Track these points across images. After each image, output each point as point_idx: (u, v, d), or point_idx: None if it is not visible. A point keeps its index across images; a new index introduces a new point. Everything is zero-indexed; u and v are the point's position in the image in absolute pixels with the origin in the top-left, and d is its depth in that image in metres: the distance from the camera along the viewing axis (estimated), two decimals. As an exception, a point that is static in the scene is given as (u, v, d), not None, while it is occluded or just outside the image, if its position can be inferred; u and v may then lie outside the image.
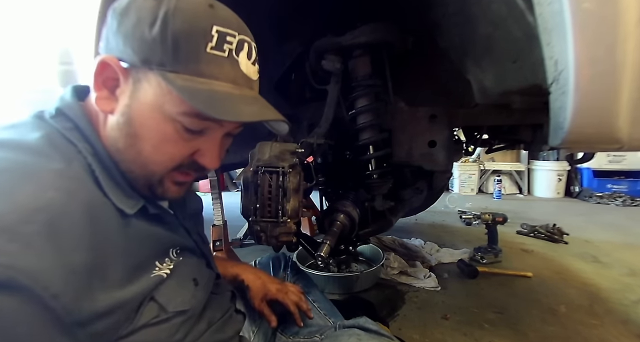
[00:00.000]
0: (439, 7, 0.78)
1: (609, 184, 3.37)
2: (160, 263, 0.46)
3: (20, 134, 0.39)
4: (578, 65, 0.44)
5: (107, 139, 0.44)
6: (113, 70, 0.41)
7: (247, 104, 0.44)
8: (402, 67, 0.99)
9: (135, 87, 0.41)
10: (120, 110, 0.42)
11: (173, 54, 0.39)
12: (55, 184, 0.35)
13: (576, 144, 0.51)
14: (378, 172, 0.98)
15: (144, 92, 0.41)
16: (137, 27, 0.39)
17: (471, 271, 1.51)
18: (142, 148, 0.43)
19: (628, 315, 1.20)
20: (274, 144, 0.77)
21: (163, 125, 0.42)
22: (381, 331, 0.68)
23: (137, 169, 0.44)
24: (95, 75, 0.41)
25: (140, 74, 0.41)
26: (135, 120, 0.41)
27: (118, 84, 0.41)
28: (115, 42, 0.40)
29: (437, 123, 0.99)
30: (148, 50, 0.39)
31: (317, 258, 0.83)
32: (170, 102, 0.41)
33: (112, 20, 0.41)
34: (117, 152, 0.43)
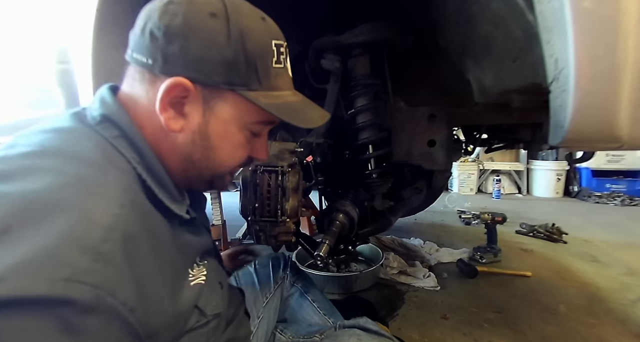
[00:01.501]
0: (439, 6, 0.78)
1: (608, 183, 3.37)
2: (191, 270, 0.47)
3: (72, 143, 0.38)
4: (578, 63, 0.44)
5: (171, 153, 0.44)
6: (183, 91, 0.41)
7: (311, 108, 0.52)
8: (402, 66, 0.99)
9: (207, 105, 0.43)
10: (193, 128, 0.43)
11: (251, 73, 0.43)
12: (119, 200, 0.35)
13: (576, 142, 0.50)
14: (377, 172, 0.98)
15: (220, 109, 0.44)
16: (210, 49, 0.40)
17: (470, 271, 1.51)
18: (217, 156, 0.46)
19: (627, 314, 1.21)
20: (273, 143, 0.77)
21: (237, 135, 0.47)
22: (381, 331, 0.68)
23: (207, 173, 0.48)
24: (163, 95, 0.40)
25: (213, 93, 0.43)
26: (212, 135, 0.45)
27: (184, 103, 0.42)
28: (181, 64, 0.40)
29: (436, 122, 0.99)
30: (228, 71, 0.42)
31: (316, 258, 0.82)
32: (247, 115, 0.45)
33: (167, 41, 0.40)
34: (187, 162, 0.45)
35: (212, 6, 0.41)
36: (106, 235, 0.32)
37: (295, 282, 0.90)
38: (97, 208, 0.33)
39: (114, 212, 0.34)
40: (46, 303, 0.27)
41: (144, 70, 0.42)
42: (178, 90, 0.41)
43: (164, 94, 0.40)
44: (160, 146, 0.44)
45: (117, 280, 0.31)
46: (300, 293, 0.88)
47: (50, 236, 0.29)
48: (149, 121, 0.43)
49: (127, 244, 0.33)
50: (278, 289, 0.87)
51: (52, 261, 0.28)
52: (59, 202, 0.31)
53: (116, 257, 0.32)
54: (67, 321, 0.27)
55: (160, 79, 0.41)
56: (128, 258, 0.33)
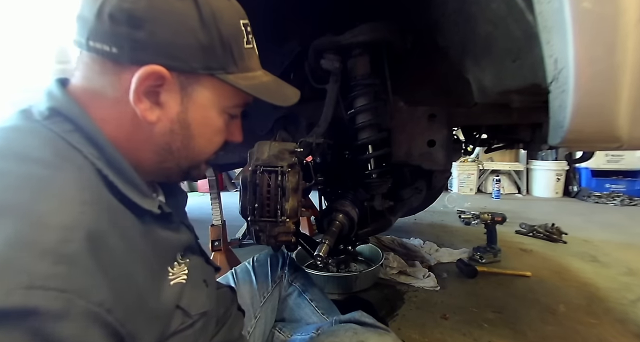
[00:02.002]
0: (438, 6, 0.78)
1: (607, 183, 3.38)
2: (171, 268, 0.44)
3: (18, 142, 0.35)
4: (578, 63, 0.44)
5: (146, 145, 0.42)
6: (158, 80, 0.39)
7: (284, 87, 0.53)
8: (402, 66, 0.99)
9: (185, 92, 0.41)
10: (172, 117, 0.42)
11: (228, 56, 0.42)
12: (77, 197, 0.32)
13: (576, 142, 0.50)
14: (377, 172, 0.98)
15: (199, 95, 0.42)
16: (182, 33, 0.39)
17: (470, 271, 1.51)
18: (197, 144, 0.45)
19: (626, 314, 1.21)
20: (272, 143, 0.77)
21: (217, 120, 0.46)
22: (377, 324, 0.68)
23: (185, 163, 0.46)
24: (137, 85, 0.38)
25: (190, 79, 0.41)
26: (192, 122, 0.43)
27: (159, 92, 0.40)
28: (152, 51, 0.38)
29: (436, 122, 0.99)
30: (205, 56, 0.40)
31: (316, 258, 0.82)
32: (226, 99, 0.45)
33: (133, 26, 0.37)
34: (165, 153, 0.43)
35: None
36: (66, 235, 0.29)
37: (293, 281, 0.90)
38: (50, 209, 0.30)
39: (75, 210, 0.31)
40: (9, 316, 0.24)
41: (105, 60, 0.38)
42: (152, 79, 0.38)
43: (138, 83, 0.38)
44: (131, 139, 0.41)
45: (86, 281, 0.29)
46: (298, 292, 0.88)
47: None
48: (115, 114, 0.40)
49: (93, 242, 0.31)
50: (276, 289, 0.87)
51: (4, 270, 0.25)
52: (3, 206, 0.29)
53: (82, 257, 0.29)
54: (39, 332, 0.25)
55: (128, 69, 0.38)
56: (96, 257, 0.30)
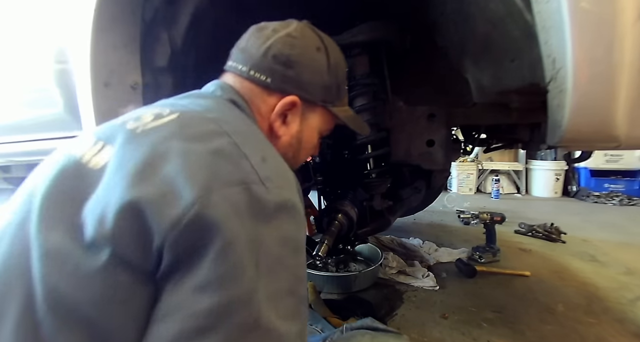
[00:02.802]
0: (437, 6, 0.78)
1: (606, 183, 3.38)
2: None
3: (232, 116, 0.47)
4: (576, 63, 0.44)
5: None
6: (291, 106, 0.52)
7: (360, 119, 0.70)
8: (401, 66, 0.99)
9: (304, 116, 0.55)
10: (292, 133, 0.55)
11: (338, 94, 0.58)
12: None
13: (574, 142, 0.51)
14: (376, 172, 0.98)
15: (312, 120, 0.57)
16: (316, 75, 0.54)
17: (469, 270, 1.51)
18: (301, 156, 0.60)
19: (625, 314, 1.21)
20: (271, 143, 0.77)
21: (316, 139, 0.60)
22: (389, 329, 0.71)
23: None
24: (280, 107, 0.52)
25: (309, 108, 0.55)
26: (303, 139, 0.57)
27: (287, 114, 0.53)
28: (295, 85, 0.52)
29: (435, 122, 0.99)
30: (325, 92, 0.56)
31: (315, 258, 0.82)
32: (326, 124, 0.60)
33: (287, 67, 0.51)
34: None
35: (316, 42, 0.55)
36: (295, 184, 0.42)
37: None
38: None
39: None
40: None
41: (257, 86, 0.52)
42: (289, 105, 0.52)
43: (281, 106, 0.52)
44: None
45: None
46: None
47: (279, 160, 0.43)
48: (262, 124, 0.53)
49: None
50: None
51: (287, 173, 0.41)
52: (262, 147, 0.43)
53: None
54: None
55: (274, 94, 0.52)
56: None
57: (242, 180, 0.34)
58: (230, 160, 0.36)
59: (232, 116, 0.45)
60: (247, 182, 0.34)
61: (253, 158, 0.37)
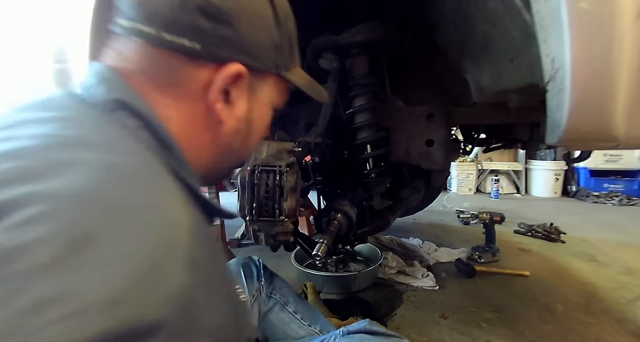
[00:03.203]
0: (437, 6, 0.78)
1: (606, 183, 3.38)
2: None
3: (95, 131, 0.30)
4: (575, 63, 0.44)
5: (210, 145, 0.39)
6: (238, 79, 0.37)
7: (318, 85, 0.52)
8: (400, 66, 0.99)
9: (252, 90, 0.40)
10: (239, 116, 0.39)
11: (291, 54, 0.43)
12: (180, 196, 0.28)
13: (573, 142, 0.51)
14: (376, 171, 0.98)
15: (261, 93, 0.42)
16: (262, 32, 0.38)
17: (469, 270, 1.51)
18: (252, 141, 0.45)
19: (624, 313, 1.21)
20: (271, 143, 0.77)
21: (269, 117, 0.46)
22: (389, 332, 0.66)
23: (238, 162, 0.46)
24: (220, 84, 0.36)
25: (257, 77, 0.40)
26: (254, 120, 0.42)
27: (230, 90, 0.37)
28: (235, 49, 0.36)
29: (434, 122, 0.99)
30: (277, 54, 0.40)
31: (315, 257, 0.82)
32: (280, 95, 0.45)
33: (220, 23, 0.34)
34: (226, 152, 0.41)
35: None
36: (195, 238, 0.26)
37: (272, 293, 0.84)
38: (173, 205, 0.26)
39: (190, 210, 0.28)
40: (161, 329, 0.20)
41: (178, 55, 0.34)
42: (232, 77, 0.36)
43: (222, 81, 0.36)
44: (195, 140, 0.38)
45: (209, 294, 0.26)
46: (280, 306, 0.82)
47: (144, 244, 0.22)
48: (182, 113, 0.36)
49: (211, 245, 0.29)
50: (255, 304, 0.81)
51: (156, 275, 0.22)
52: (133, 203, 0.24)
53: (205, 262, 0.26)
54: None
55: (205, 65, 0.35)
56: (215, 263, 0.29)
57: None
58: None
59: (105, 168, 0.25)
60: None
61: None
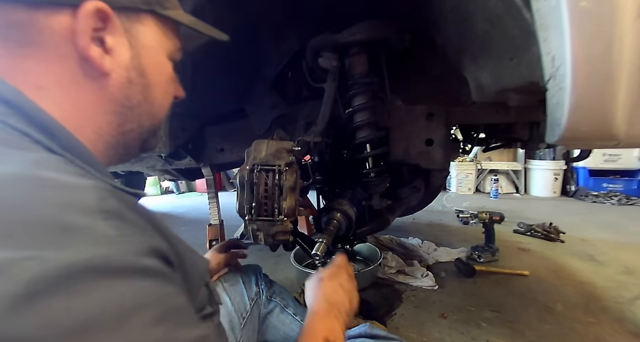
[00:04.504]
0: (436, 5, 0.78)
1: (605, 183, 3.39)
2: None
3: None
4: (575, 61, 0.44)
5: (100, 106, 0.35)
6: (101, 21, 0.32)
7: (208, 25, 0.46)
8: (399, 65, 0.99)
9: (130, 34, 0.35)
10: (126, 64, 0.35)
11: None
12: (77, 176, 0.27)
13: (573, 140, 0.50)
14: (375, 171, 0.98)
15: (145, 36, 0.37)
16: None
17: (468, 270, 1.51)
18: (155, 95, 0.39)
19: (623, 313, 1.21)
20: (270, 142, 0.77)
21: (166, 65, 0.41)
22: (390, 335, 0.65)
23: (148, 122, 0.40)
24: (85, 28, 0.31)
25: (131, 19, 0.35)
26: (146, 68, 0.37)
27: (103, 37, 0.33)
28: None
29: (434, 121, 0.99)
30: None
31: (314, 257, 0.82)
32: (169, 40, 0.40)
33: None
34: (126, 110, 0.37)
35: None
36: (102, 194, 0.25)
37: (272, 297, 0.84)
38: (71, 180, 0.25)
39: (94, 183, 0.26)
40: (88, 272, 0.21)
41: (20, 7, 0.29)
42: (96, 19, 0.31)
43: (84, 25, 0.31)
44: (80, 105, 0.33)
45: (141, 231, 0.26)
46: (280, 308, 0.83)
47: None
48: (52, 75, 0.31)
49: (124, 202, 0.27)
50: (255, 307, 0.80)
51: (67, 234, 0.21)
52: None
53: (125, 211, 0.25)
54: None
55: (60, 12, 0.30)
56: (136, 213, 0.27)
57: None
58: None
59: None
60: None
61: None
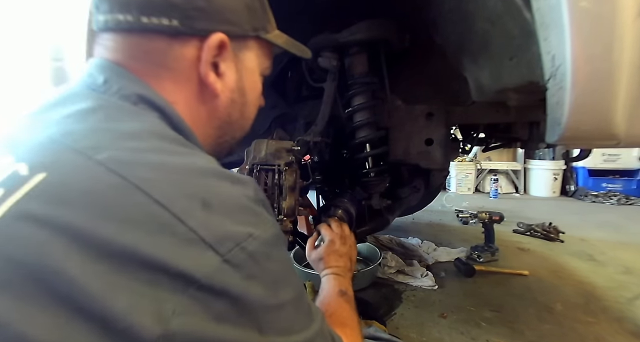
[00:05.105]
0: (436, 4, 0.78)
1: (604, 183, 3.39)
2: None
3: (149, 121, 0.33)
4: (575, 61, 0.44)
5: (209, 121, 0.40)
6: (222, 49, 0.37)
7: (298, 43, 0.52)
8: (399, 64, 0.99)
9: (238, 59, 0.40)
10: (231, 86, 0.40)
11: (265, 15, 0.42)
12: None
13: (573, 140, 0.50)
14: (375, 171, 0.98)
15: (248, 60, 0.42)
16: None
17: (468, 270, 1.51)
18: (249, 110, 0.45)
19: (623, 312, 1.21)
20: (270, 141, 0.77)
21: (259, 83, 0.45)
22: (393, 339, 0.66)
23: (239, 133, 0.46)
24: (209, 56, 0.36)
25: (240, 44, 0.40)
26: (246, 88, 0.42)
27: (218, 62, 0.38)
28: (211, 18, 0.36)
29: (433, 121, 0.99)
30: (252, 17, 0.40)
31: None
32: (264, 59, 0.45)
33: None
34: (225, 125, 0.42)
35: None
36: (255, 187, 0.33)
37: None
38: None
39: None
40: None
41: (160, 37, 0.35)
42: (217, 48, 0.36)
43: (207, 54, 0.36)
44: (196, 119, 0.39)
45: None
46: None
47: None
48: (180, 94, 0.37)
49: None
50: None
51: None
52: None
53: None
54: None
55: (189, 41, 0.35)
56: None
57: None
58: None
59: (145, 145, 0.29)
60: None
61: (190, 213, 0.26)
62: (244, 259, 0.27)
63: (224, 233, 0.27)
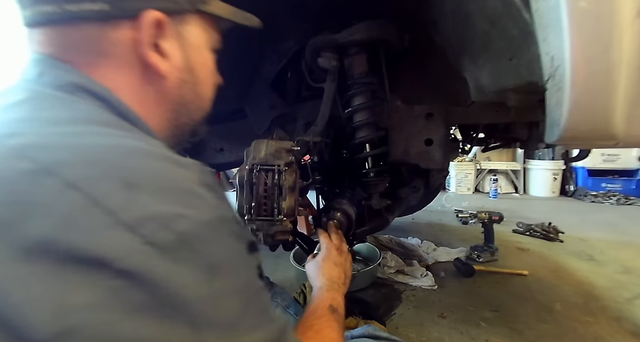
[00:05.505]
0: (436, 5, 0.78)
1: (604, 183, 3.39)
2: None
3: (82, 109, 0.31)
4: (574, 61, 0.44)
5: (160, 106, 0.39)
6: (159, 27, 0.35)
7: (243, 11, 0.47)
8: (399, 65, 0.99)
9: (181, 36, 0.38)
10: (179, 66, 0.38)
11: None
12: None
13: (572, 140, 0.50)
14: (374, 171, 0.98)
15: (193, 36, 0.39)
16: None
17: (468, 270, 1.52)
18: (203, 90, 0.43)
19: (622, 312, 1.21)
20: (269, 142, 0.76)
21: (210, 59, 0.43)
22: (392, 337, 0.66)
23: (199, 115, 0.44)
24: (147, 38, 0.34)
25: (179, 20, 0.38)
26: (195, 66, 0.40)
27: (159, 42, 0.36)
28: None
29: (433, 121, 0.99)
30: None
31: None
32: (212, 34, 0.42)
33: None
34: (180, 107, 0.40)
35: None
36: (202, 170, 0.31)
37: (273, 297, 0.85)
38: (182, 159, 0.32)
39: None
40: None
41: (92, 23, 0.33)
42: (154, 28, 0.35)
43: (146, 35, 0.34)
44: (144, 104, 0.37)
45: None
46: (281, 308, 0.84)
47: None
48: (122, 80, 0.35)
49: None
50: None
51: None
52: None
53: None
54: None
55: (122, 23, 0.34)
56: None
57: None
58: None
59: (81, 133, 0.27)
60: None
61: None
62: (171, 240, 0.24)
63: (147, 213, 0.24)
